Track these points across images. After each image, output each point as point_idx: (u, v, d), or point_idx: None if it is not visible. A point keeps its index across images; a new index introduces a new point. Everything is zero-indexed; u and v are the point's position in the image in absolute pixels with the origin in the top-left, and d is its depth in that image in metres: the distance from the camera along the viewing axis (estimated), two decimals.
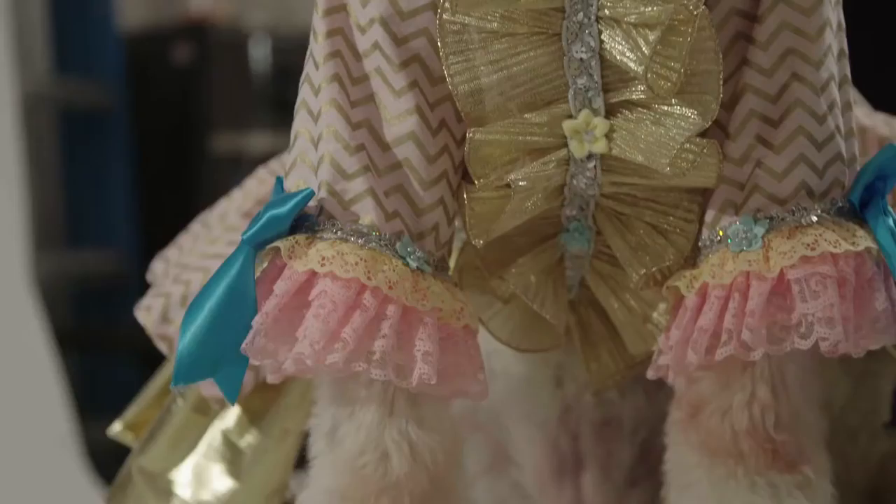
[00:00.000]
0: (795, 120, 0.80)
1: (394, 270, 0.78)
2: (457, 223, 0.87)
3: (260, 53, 2.93)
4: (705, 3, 0.77)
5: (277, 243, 0.79)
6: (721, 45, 0.80)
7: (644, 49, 0.75)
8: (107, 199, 2.87)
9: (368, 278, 0.77)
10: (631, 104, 0.79)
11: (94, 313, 2.84)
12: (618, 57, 0.77)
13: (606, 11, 0.77)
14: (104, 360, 2.82)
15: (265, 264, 0.81)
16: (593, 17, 0.77)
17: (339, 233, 0.79)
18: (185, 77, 2.88)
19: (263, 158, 3.31)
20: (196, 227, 1.08)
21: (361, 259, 0.78)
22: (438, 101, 0.82)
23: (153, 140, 2.93)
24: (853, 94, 0.90)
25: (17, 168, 2.47)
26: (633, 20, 0.76)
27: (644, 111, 0.79)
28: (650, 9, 0.75)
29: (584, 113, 0.80)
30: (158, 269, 1.07)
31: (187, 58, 2.87)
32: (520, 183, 0.79)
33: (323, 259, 0.78)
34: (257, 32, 2.94)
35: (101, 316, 2.84)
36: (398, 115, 0.81)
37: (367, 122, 0.81)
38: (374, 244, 0.79)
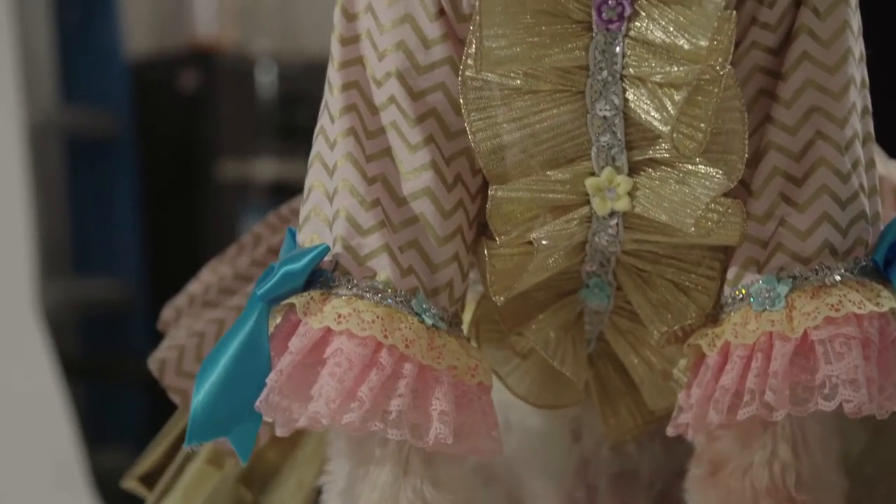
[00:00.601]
0: (819, 178, 0.79)
1: (410, 328, 0.77)
2: (472, 276, 0.86)
3: (266, 80, 2.93)
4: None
5: (292, 299, 0.78)
6: (744, 101, 0.79)
7: (670, 109, 0.74)
8: (113, 226, 2.86)
9: (385, 336, 0.76)
10: (655, 162, 0.78)
11: (101, 341, 2.84)
12: (643, 116, 0.76)
13: (631, 70, 0.76)
14: (111, 389, 2.81)
15: (279, 319, 0.80)
16: (618, 76, 0.76)
17: (354, 289, 0.78)
18: (192, 104, 2.88)
19: (269, 185, 3.30)
20: (205, 273, 1.07)
21: (378, 317, 0.77)
22: (454, 156, 0.81)
23: (159, 167, 2.92)
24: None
25: (23, 196, 2.46)
26: (658, 80, 0.75)
27: (668, 169, 0.78)
28: (676, 69, 0.74)
29: (608, 171, 0.79)
30: (169, 317, 1.05)
31: (193, 85, 2.87)
32: (542, 242, 0.78)
33: (339, 316, 0.77)
34: (263, 59, 2.94)
35: (108, 344, 2.84)
36: (414, 170, 0.80)
37: (382, 176, 0.80)
38: (389, 301, 0.78)
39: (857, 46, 0.82)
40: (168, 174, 2.94)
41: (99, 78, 2.86)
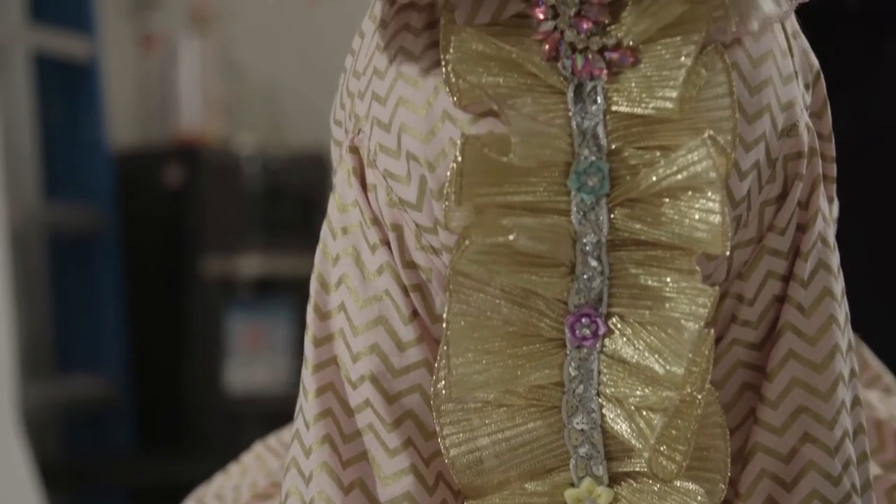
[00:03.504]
0: (809, 483, 0.77)
1: None
2: None
3: (251, 174, 2.91)
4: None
5: None
6: (726, 396, 0.77)
7: (648, 435, 0.72)
8: (97, 322, 2.84)
9: None
10: (636, 473, 0.76)
11: (84, 441, 2.81)
12: (622, 434, 0.74)
13: (608, 389, 0.74)
14: (93, 494, 2.78)
15: None
16: (594, 392, 0.74)
17: None
18: (176, 198, 2.86)
19: (254, 280, 3.26)
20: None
21: None
22: (433, 456, 0.78)
23: (143, 262, 2.91)
24: (876, 366, 0.87)
25: (5, 294, 2.43)
26: (635, 402, 0.73)
27: (649, 482, 0.75)
28: (652, 394, 0.72)
29: (587, 482, 0.76)
30: None
31: (178, 179, 2.85)
32: None
33: None
34: (248, 153, 2.92)
35: (91, 445, 2.81)
36: (393, 475, 0.78)
37: (359, 481, 0.78)
38: None
39: (845, 339, 0.79)
40: (152, 269, 2.92)
41: (83, 173, 2.85)
